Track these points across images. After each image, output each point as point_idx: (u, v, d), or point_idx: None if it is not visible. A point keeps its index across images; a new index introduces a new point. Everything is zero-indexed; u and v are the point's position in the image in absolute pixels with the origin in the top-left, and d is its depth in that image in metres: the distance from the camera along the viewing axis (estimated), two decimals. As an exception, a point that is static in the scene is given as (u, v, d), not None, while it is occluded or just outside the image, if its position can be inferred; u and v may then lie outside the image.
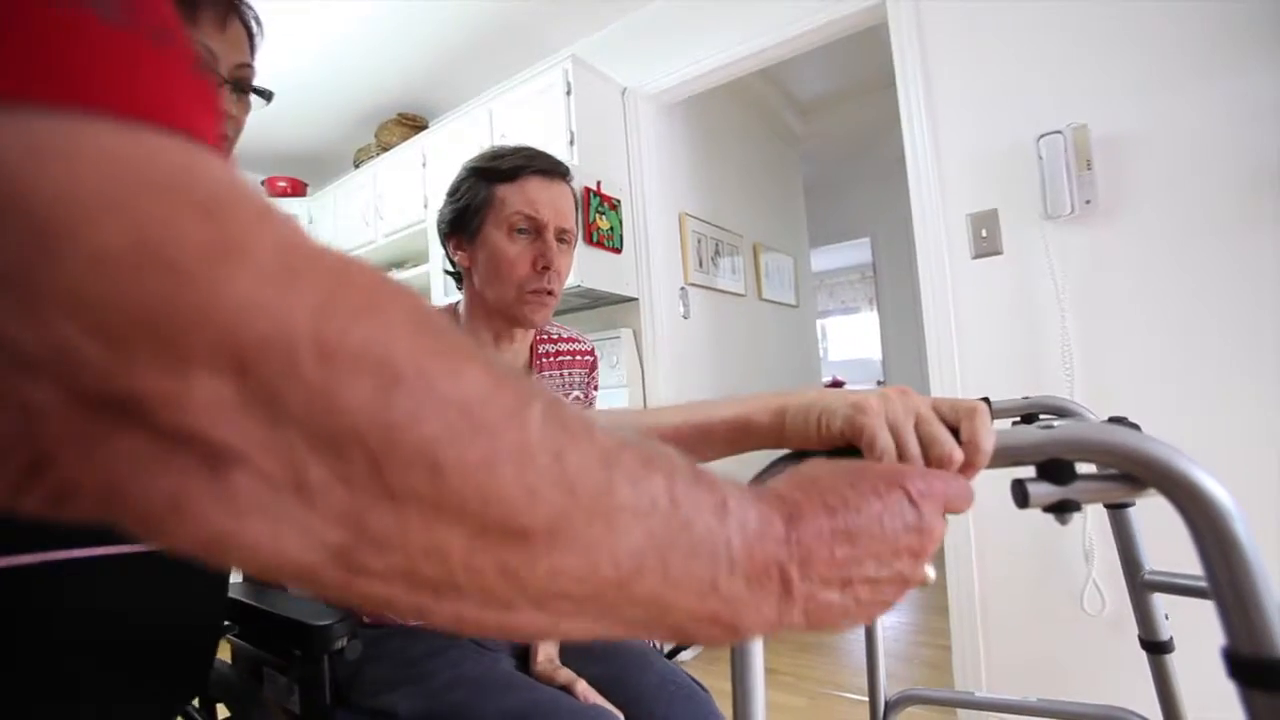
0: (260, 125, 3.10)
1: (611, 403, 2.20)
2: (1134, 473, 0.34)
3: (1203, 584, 0.74)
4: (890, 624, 2.51)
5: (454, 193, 0.92)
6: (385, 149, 2.96)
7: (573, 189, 0.94)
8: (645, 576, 0.21)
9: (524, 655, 0.87)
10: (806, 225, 4.00)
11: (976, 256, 1.67)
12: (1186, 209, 1.40)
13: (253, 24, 0.64)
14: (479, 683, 0.74)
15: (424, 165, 2.65)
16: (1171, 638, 0.83)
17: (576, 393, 1.02)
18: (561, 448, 0.19)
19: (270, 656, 0.77)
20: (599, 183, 2.14)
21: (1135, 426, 0.65)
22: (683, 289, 2.51)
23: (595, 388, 1.06)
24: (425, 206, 2.64)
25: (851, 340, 7.80)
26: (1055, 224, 1.54)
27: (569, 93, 2.13)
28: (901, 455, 0.35)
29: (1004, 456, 0.35)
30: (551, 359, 1.00)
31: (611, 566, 0.20)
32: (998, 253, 1.64)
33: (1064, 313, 1.53)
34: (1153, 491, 0.33)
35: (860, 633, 2.42)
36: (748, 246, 3.09)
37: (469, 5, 2.33)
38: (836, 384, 6.86)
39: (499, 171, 0.88)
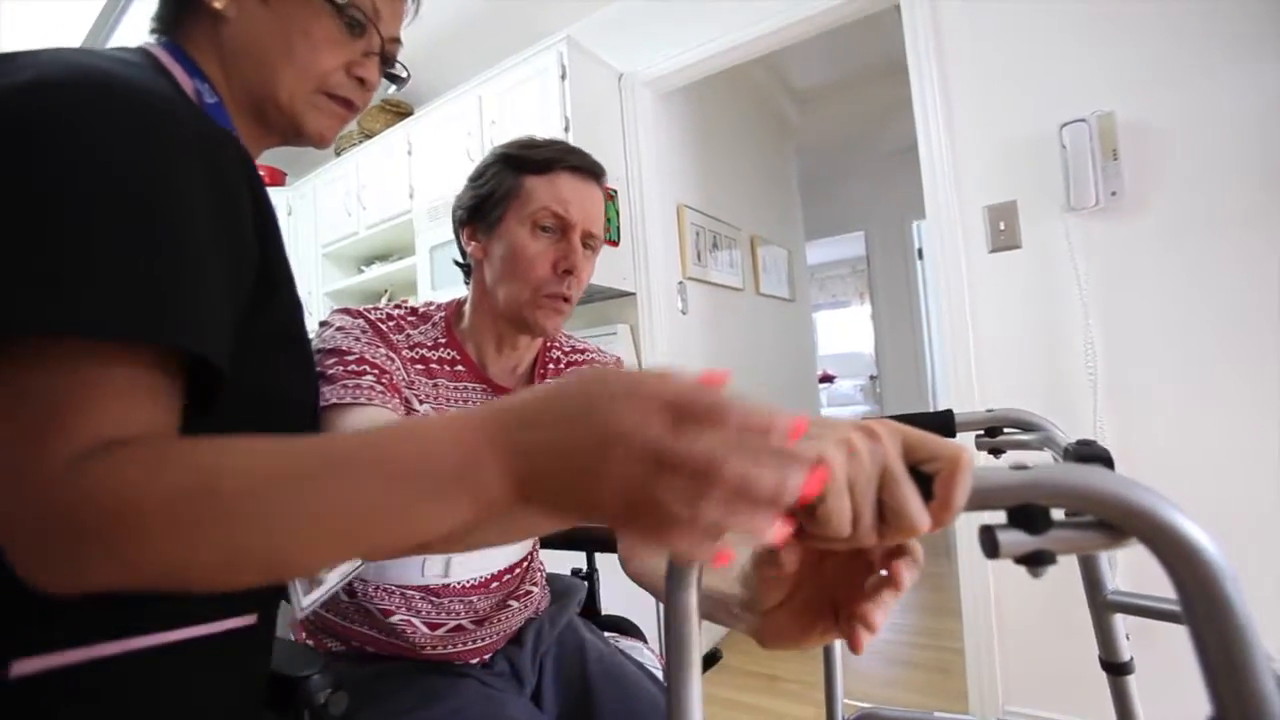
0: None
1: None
2: (1115, 522, 0.31)
3: (1166, 606, 0.68)
4: (894, 624, 2.46)
5: (477, 178, 0.84)
6: (369, 136, 2.84)
7: (604, 191, 0.86)
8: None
9: (536, 695, 0.79)
10: (802, 218, 3.93)
11: (994, 250, 1.60)
12: (1219, 201, 1.34)
13: (417, 2, 0.62)
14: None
15: (409, 153, 2.53)
16: (1132, 658, 0.81)
17: None
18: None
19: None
20: (595, 172, 2.05)
21: (1107, 455, 0.59)
22: (681, 283, 2.42)
23: None
24: (411, 197, 2.52)
25: (842, 334, 7.77)
26: (1079, 216, 1.47)
27: (564, 77, 2.03)
28: (856, 523, 0.30)
29: (973, 501, 0.31)
30: (558, 366, 0.90)
31: None
32: (1016, 246, 1.57)
33: (1087, 310, 1.46)
34: (1135, 541, 0.31)
35: (873, 641, 2.37)
36: (745, 239, 3.01)
37: (457, -16, 2.22)
38: (826, 378, 6.83)
39: (531, 161, 0.80)
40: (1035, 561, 0.32)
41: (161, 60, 0.50)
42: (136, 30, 0.58)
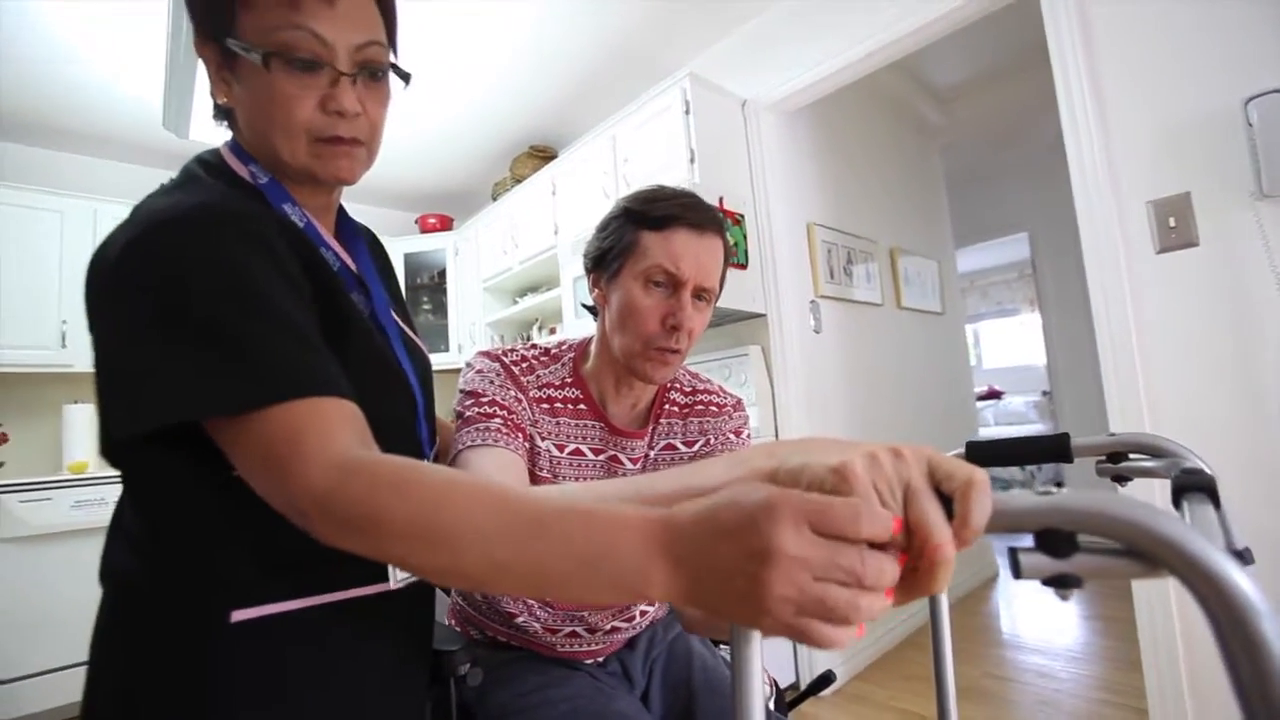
0: (413, 168, 3.43)
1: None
2: (1141, 550, 0.31)
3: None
4: (1074, 675, 2.19)
5: (603, 229, 0.88)
6: (519, 180, 3.15)
7: (726, 240, 0.86)
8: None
9: (644, 697, 0.86)
10: (951, 224, 3.67)
11: (1163, 250, 1.42)
12: None
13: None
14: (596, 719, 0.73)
15: (553, 193, 2.78)
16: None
17: (704, 440, 0.92)
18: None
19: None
20: (721, 198, 2.11)
21: (1210, 485, 0.52)
22: (813, 302, 2.39)
23: (738, 434, 0.94)
24: (555, 233, 2.76)
25: (1009, 346, 7.05)
26: (1274, 204, 1.27)
27: (688, 111, 2.12)
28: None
29: (997, 523, 0.33)
30: (677, 407, 0.93)
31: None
32: (1192, 244, 1.39)
33: (1290, 312, 1.25)
34: (1167, 573, 0.30)
35: (1033, 686, 2.14)
36: (883, 252, 2.89)
37: (592, 37, 2.42)
38: (993, 394, 6.22)
39: (648, 218, 0.82)
40: (1060, 584, 0.33)
41: (224, 156, 0.60)
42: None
